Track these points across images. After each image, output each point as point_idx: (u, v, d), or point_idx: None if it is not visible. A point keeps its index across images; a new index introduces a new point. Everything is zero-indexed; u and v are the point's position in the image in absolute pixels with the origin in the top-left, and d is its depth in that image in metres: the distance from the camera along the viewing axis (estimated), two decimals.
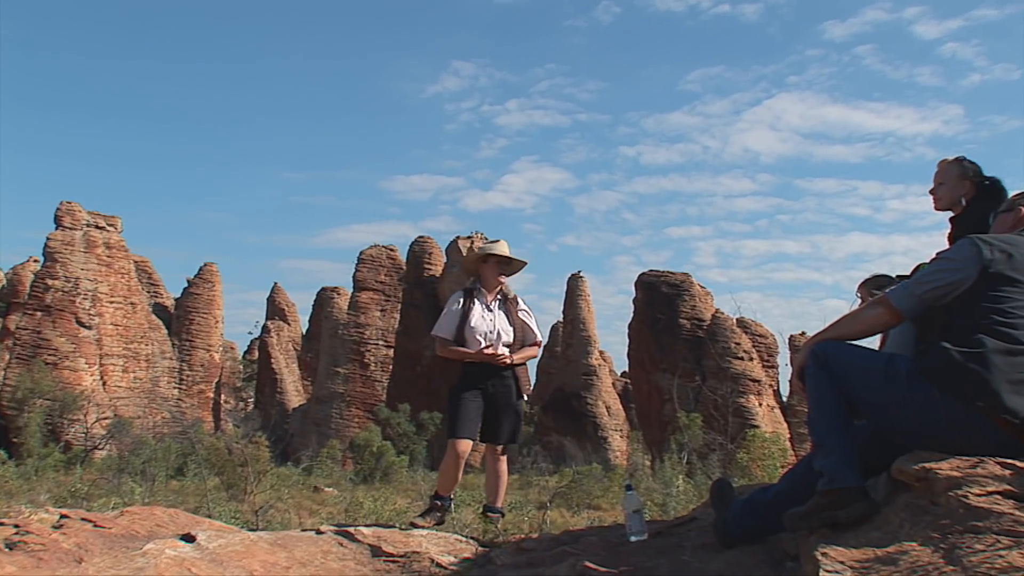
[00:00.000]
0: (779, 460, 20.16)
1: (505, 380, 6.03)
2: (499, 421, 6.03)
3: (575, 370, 62.74)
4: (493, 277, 6.22)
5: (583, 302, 65.55)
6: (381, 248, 74.46)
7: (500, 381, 6.03)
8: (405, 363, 65.77)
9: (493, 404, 6.02)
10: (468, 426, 5.90)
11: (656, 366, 50.84)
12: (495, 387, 6.01)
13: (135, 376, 64.34)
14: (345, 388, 68.51)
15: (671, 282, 53.46)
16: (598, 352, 65.46)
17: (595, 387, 61.68)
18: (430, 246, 71.25)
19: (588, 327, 64.39)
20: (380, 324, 71.04)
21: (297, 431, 66.38)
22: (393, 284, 72.38)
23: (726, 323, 51.11)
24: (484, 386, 6.01)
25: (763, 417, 47.32)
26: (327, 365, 70.09)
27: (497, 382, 6.02)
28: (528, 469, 40.00)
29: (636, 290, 55.09)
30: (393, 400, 62.03)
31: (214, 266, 79.36)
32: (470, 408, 5.94)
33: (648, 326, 52.34)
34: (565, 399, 61.45)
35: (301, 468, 35.67)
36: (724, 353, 48.30)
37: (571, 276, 67.24)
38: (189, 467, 32.13)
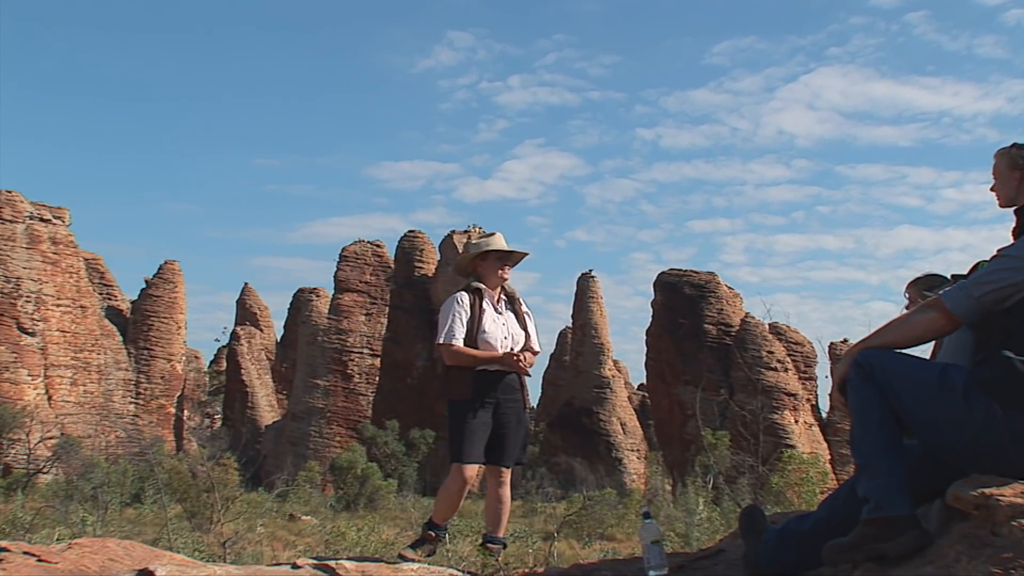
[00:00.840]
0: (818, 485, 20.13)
1: (515, 392, 6.04)
2: (507, 440, 6.02)
3: (586, 382, 62.73)
4: (495, 274, 6.20)
5: (595, 305, 65.56)
6: (366, 244, 74.48)
7: (510, 394, 6.03)
8: (393, 374, 65.81)
9: (502, 420, 6.01)
10: (477, 448, 5.89)
11: (678, 378, 50.80)
12: (505, 400, 6.01)
13: (85, 390, 64.35)
14: (325, 403, 68.53)
15: (695, 282, 53.44)
16: (612, 362, 65.45)
17: (608, 401, 61.68)
18: (421, 242, 71.31)
19: (600, 333, 64.40)
20: (365, 330, 71.06)
21: (271, 451, 66.37)
22: (380, 285, 72.41)
23: (757, 329, 51.07)
24: (495, 400, 5.99)
25: (799, 436, 47.27)
26: (305, 376, 70.12)
27: (508, 394, 6.02)
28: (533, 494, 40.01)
29: (655, 291, 55.07)
30: (380, 416, 62.07)
31: (176, 264, 79.41)
32: (480, 426, 5.92)
33: (669, 332, 52.31)
34: (574, 415, 61.45)
35: (275, 494, 35.69)
36: (755, 363, 48.26)
37: (581, 276, 67.30)
38: (147, 493, 32.15)
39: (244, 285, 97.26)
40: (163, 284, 78.08)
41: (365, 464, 45.71)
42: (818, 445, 47.83)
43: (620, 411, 61.82)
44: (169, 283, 78.20)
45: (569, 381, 64.92)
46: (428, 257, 70.59)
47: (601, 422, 60.61)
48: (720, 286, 53.53)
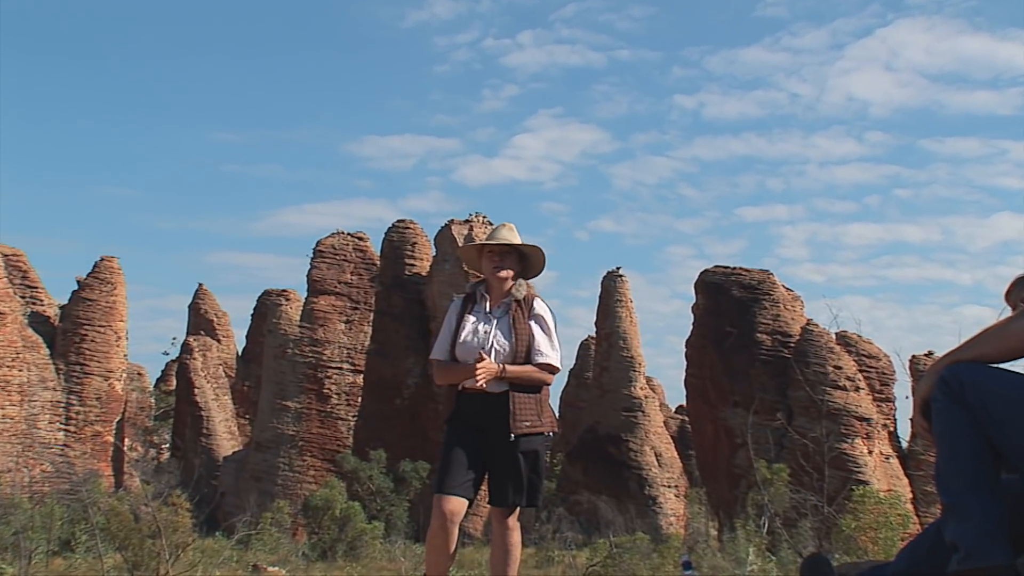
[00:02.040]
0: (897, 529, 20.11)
1: (500, 415, 6.08)
2: (501, 475, 6.09)
3: (613, 403, 62.71)
4: (492, 275, 6.37)
5: (624, 310, 65.53)
6: (346, 236, 74.54)
7: (495, 417, 6.08)
8: (380, 394, 65.88)
9: (491, 451, 6.08)
10: (457, 477, 5.98)
11: (724, 398, 50.74)
12: (492, 426, 6.08)
13: (4, 413, 64.52)
14: (297, 429, 68.63)
15: (745, 282, 53.37)
16: (644, 379, 65.39)
17: (640, 427, 61.65)
18: (413, 234, 71.36)
19: (631, 344, 64.36)
20: (345, 341, 71.15)
21: (230, 488, 66.47)
22: (363, 286, 72.48)
23: (821, 339, 50.98)
24: (480, 424, 6.10)
25: (874, 469, 47.18)
26: (272, 397, 70.24)
27: (492, 418, 6.09)
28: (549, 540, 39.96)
29: (697, 293, 54.99)
30: (363, 445, 62.13)
31: (115, 261, 79.60)
32: (461, 453, 6.04)
33: (713, 343, 52.24)
34: (599, 444, 61.43)
35: (235, 539, 35.72)
36: (819, 381, 48.16)
37: (607, 274, 67.26)
38: (80, 539, 32.21)
39: (198, 287, 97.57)
40: (99, 285, 78.26)
41: (345, 503, 45.73)
42: (897, 481, 47.71)
43: (654, 439, 61.76)
44: (107, 284, 78.36)
45: (592, 402, 64.89)
46: (421, 252, 70.64)
47: (631, 452, 60.55)
48: (776, 287, 53.43)
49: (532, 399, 6.16)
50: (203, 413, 77.52)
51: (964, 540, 3.39)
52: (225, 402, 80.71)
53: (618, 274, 66.94)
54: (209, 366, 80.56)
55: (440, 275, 66.40)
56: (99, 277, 78.71)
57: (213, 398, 79.11)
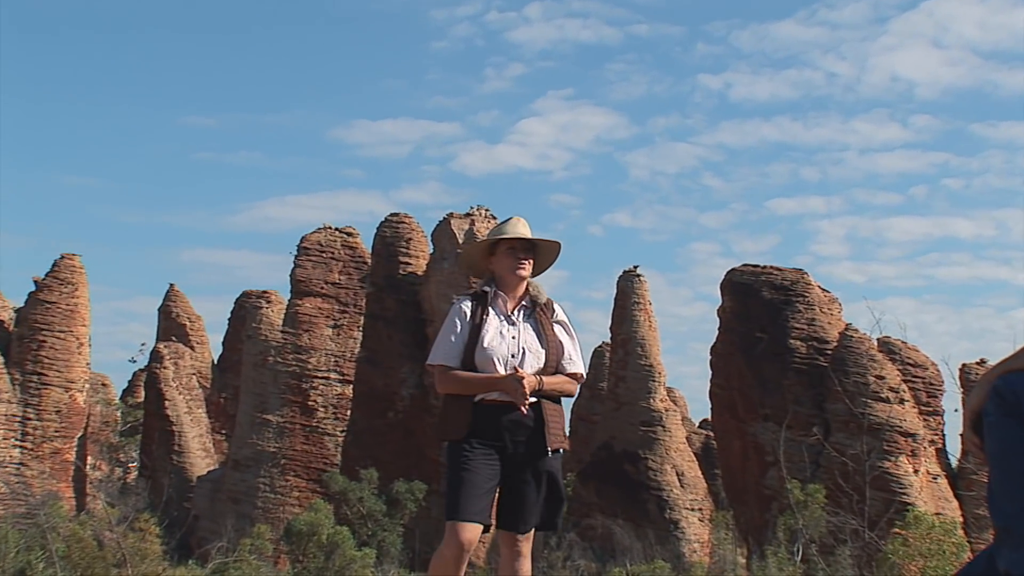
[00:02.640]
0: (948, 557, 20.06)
1: (529, 431, 6.07)
2: (521, 497, 6.08)
3: (630, 417, 62.70)
4: (510, 271, 6.32)
5: (642, 314, 65.53)
6: (334, 232, 74.57)
7: (522, 433, 6.07)
8: (371, 407, 65.93)
9: (513, 470, 6.07)
10: (476, 502, 5.95)
11: (754, 411, 50.74)
12: (517, 442, 6.07)
13: None
14: (279, 445, 68.68)
15: (777, 283, 53.37)
16: (665, 390, 65.37)
17: (660, 444, 61.63)
18: (408, 229, 71.41)
19: (650, 351, 64.35)
20: (332, 347, 71.19)
21: (205, 511, 66.54)
22: (352, 287, 72.53)
23: (862, 346, 50.96)
24: (501, 439, 6.07)
25: (920, 490, 47.16)
26: (251, 410, 70.30)
27: (518, 434, 6.06)
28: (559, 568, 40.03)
29: (723, 295, 55.00)
30: (352, 463, 62.16)
31: (76, 259, 79.65)
32: (480, 474, 6.00)
33: (742, 351, 52.25)
34: (614, 462, 61.42)
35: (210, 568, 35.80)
36: (859, 392, 48.17)
37: (623, 274, 67.26)
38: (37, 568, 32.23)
39: (169, 287, 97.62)
40: (59, 286, 78.32)
41: (332, 528, 45.75)
42: (945, 503, 47.67)
43: (676, 457, 61.74)
44: (67, 285, 78.41)
45: (607, 416, 64.88)
46: (417, 249, 70.69)
47: (650, 471, 60.54)
48: (811, 288, 53.42)
49: (558, 411, 6.21)
50: (175, 428, 77.54)
51: (1019, 568, 3.40)
52: (199, 416, 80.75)
53: (635, 274, 66.91)
54: (181, 376, 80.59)
55: (438, 274, 66.45)
56: (59, 277, 78.75)
57: (186, 411, 79.14)
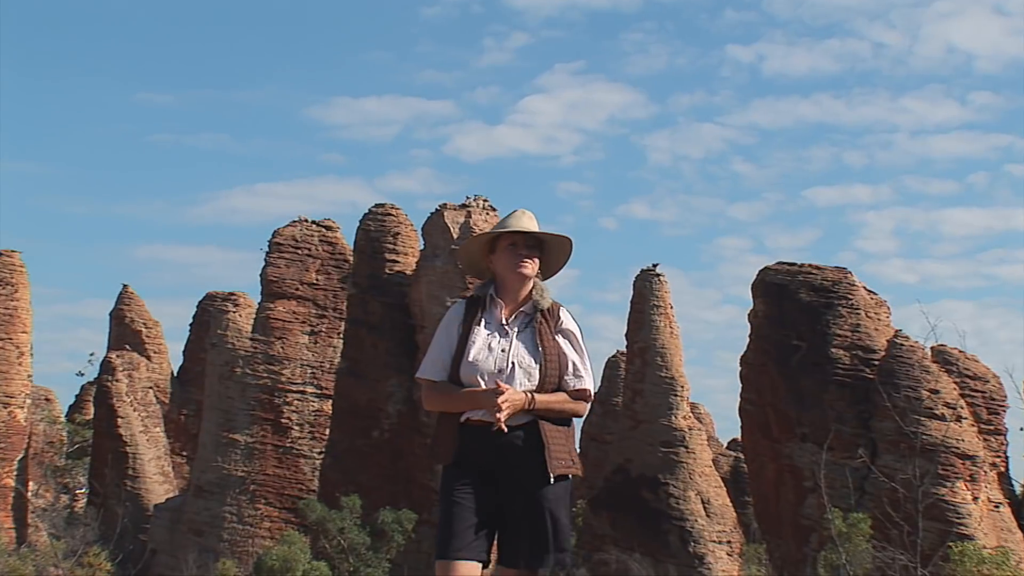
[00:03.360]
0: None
1: (523, 454, 6.07)
2: (516, 529, 6.10)
3: (648, 437, 62.71)
4: (511, 270, 6.31)
5: (662, 319, 65.53)
6: (310, 225, 74.57)
7: (515, 457, 6.08)
8: (353, 425, 65.90)
9: (508, 499, 6.10)
10: (464, 537, 6.00)
11: (790, 430, 50.72)
12: (509, 468, 6.09)
13: None
14: (248, 469, 68.70)
15: (816, 283, 53.35)
16: (688, 406, 65.34)
17: (683, 467, 61.62)
18: (395, 221, 71.38)
19: (671, 362, 64.34)
20: (309, 357, 71.19)
21: (163, 544, 66.56)
22: (331, 288, 72.57)
23: (914, 356, 50.96)
24: (492, 466, 6.10)
25: (980, 520, 47.12)
26: (216, 429, 70.31)
27: (510, 458, 6.09)
28: None
29: (755, 298, 54.97)
30: (332, 489, 62.15)
31: (15, 256, 79.65)
32: (469, 505, 6.05)
33: (776, 361, 52.22)
34: (631, 488, 61.42)
35: None
36: (910, 408, 48.15)
37: (641, 273, 67.23)
38: None
39: (122, 289, 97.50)
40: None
41: (309, 563, 45.83)
42: (1008, 535, 47.64)
43: (701, 482, 61.75)
44: (5, 286, 78.47)
45: (622, 436, 64.88)
46: (405, 245, 70.65)
47: (672, 499, 60.54)
48: (856, 290, 53.41)
49: (563, 432, 6.17)
50: (128, 449, 77.58)
51: None
52: (157, 435, 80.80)
53: (654, 273, 66.86)
54: (136, 390, 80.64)
55: (429, 274, 66.42)
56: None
57: (141, 430, 79.19)
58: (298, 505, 63.22)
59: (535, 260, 6.29)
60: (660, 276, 66.81)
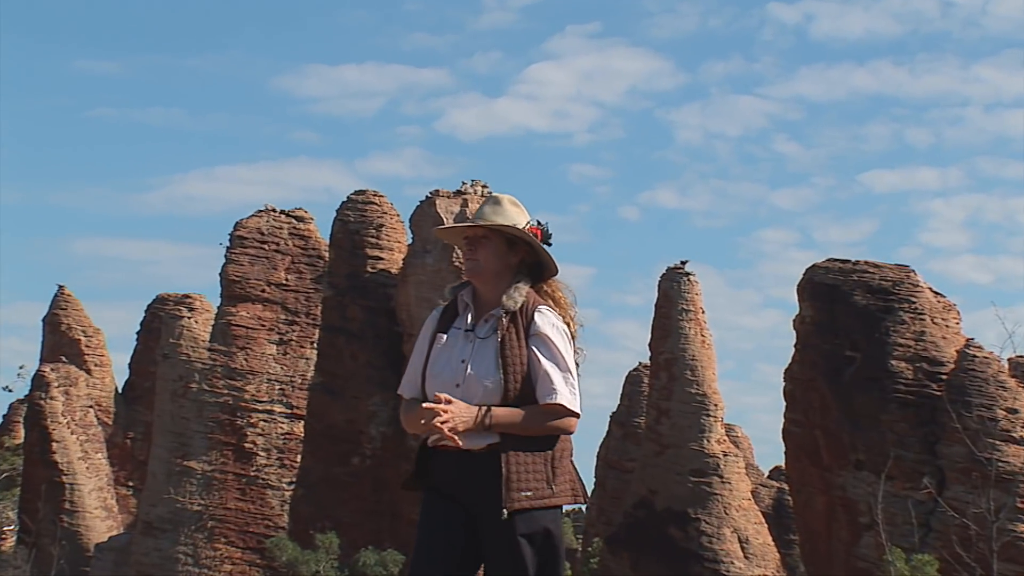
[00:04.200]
0: None
1: (485, 481, 6.09)
2: (501, 568, 6.14)
3: (676, 464, 62.74)
4: (467, 273, 6.42)
5: (692, 325, 65.57)
6: (279, 216, 74.67)
7: (476, 484, 6.13)
8: (329, 450, 65.95)
9: (484, 533, 6.12)
10: (433, 569, 6.08)
11: (843, 456, 50.71)
12: (476, 497, 6.13)
13: None
14: (206, 502, 68.73)
15: (874, 284, 53.31)
16: (723, 428, 65.35)
17: (717, 500, 61.66)
18: (378, 211, 71.47)
19: (703, 376, 64.38)
20: (278, 371, 71.24)
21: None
22: (303, 289, 72.62)
23: (988, 368, 50.89)
24: (459, 495, 6.17)
25: None
26: (168, 455, 70.37)
27: (473, 486, 6.15)
28: None
29: (802, 301, 54.94)
30: (304, 525, 62.21)
31: None
32: (439, 536, 6.14)
33: (827, 375, 52.18)
34: (656, 524, 61.47)
35: None
36: (984, 430, 48.11)
37: (668, 272, 67.34)
38: None
39: (58, 291, 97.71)
40: None
41: None
42: None
43: (738, 517, 61.78)
44: None
45: (646, 463, 64.94)
46: (391, 238, 70.79)
47: (704, 537, 60.61)
48: (920, 291, 53.37)
49: (538, 458, 6.13)
50: (65, 479, 77.73)
51: None
52: (98, 463, 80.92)
53: (683, 272, 67.00)
54: (74, 409, 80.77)
55: (419, 272, 66.48)
56: None
57: (80, 456, 79.31)
58: (265, 544, 63.32)
59: (485, 256, 6.34)
60: (690, 275, 66.94)
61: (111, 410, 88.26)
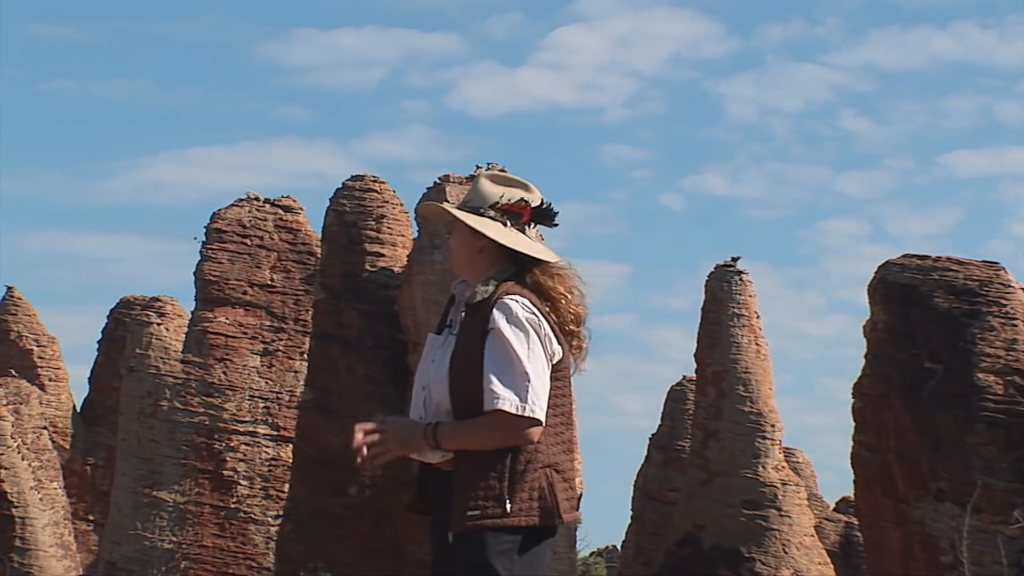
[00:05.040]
0: None
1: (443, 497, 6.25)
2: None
3: (727, 495, 62.90)
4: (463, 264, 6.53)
5: (745, 333, 65.71)
6: (263, 205, 74.90)
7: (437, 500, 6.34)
8: (322, 479, 66.18)
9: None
10: None
11: (922, 485, 50.77)
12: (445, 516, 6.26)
13: None
14: (178, 538, 69.04)
15: (958, 284, 53.37)
16: (781, 452, 65.45)
17: (775, 535, 61.84)
18: (379, 200, 71.65)
19: (757, 391, 64.53)
20: (262, 386, 71.47)
21: None
22: (292, 290, 72.86)
23: None
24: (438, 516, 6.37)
25: None
26: (134, 485, 70.64)
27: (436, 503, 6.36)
28: None
29: (873, 303, 54.99)
30: (293, 566, 62.48)
31: None
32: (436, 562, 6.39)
33: (903, 391, 52.25)
34: (704, 563, 61.66)
35: None
36: None
37: (716, 270, 67.50)
38: None
39: (6, 292, 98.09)
40: None
41: None
42: None
43: (799, 556, 61.97)
44: None
45: (691, 493, 65.12)
46: (393, 232, 70.98)
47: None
48: (1013, 293, 53.41)
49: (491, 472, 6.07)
50: (15, 512, 78.08)
51: None
52: (53, 493, 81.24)
53: (735, 270, 67.13)
54: (26, 431, 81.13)
55: (426, 271, 66.62)
56: None
57: (32, 486, 79.65)
58: None
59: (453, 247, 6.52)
60: (742, 274, 67.05)
61: (68, 432, 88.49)
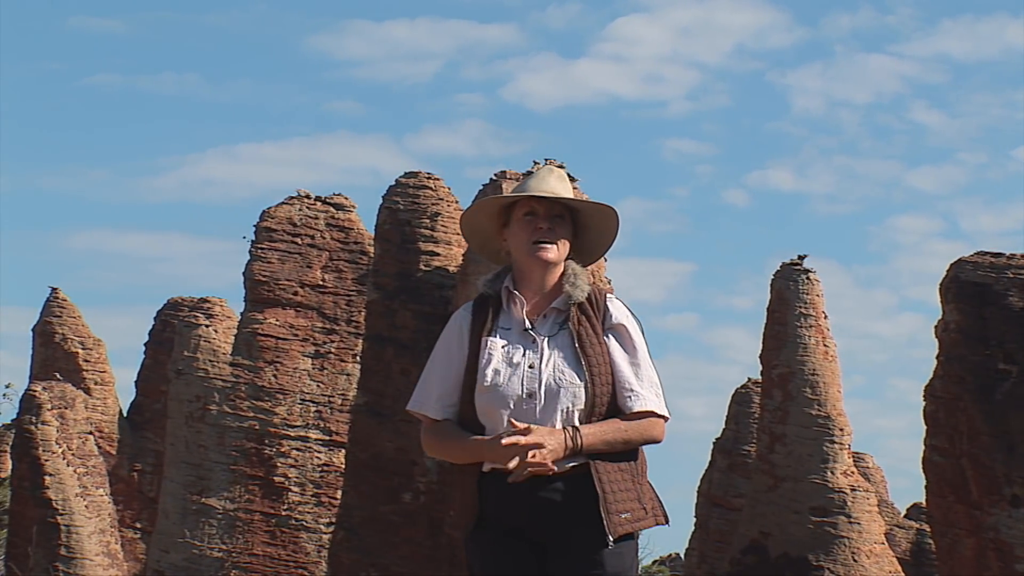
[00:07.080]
0: None
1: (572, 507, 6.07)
2: None
3: (794, 501, 62.80)
4: (529, 256, 6.25)
5: (812, 332, 65.56)
6: (314, 203, 75.07)
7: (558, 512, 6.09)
8: (375, 484, 66.32)
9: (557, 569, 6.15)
10: None
11: (997, 491, 50.59)
12: (552, 529, 6.13)
13: None
14: (228, 546, 69.27)
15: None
16: (850, 457, 65.28)
17: (844, 543, 61.66)
18: (434, 197, 71.66)
19: (826, 394, 64.37)
20: (314, 390, 71.58)
21: None
22: (344, 291, 73.07)
23: None
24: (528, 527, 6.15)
25: None
26: (182, 491, 70.95)
27: (554, 516, 6.11)
28: None
29: (945, 302, 54.82)
30: (346, 573, 62.63)
31: None
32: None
33: (977, 393, 52.06)
34: (770, 571, 61.55)
35: None
36: None
37: (782, 268, 67.25)
38: None
39: (51, 294, 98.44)
40: None
41: None
42: None
43: (868, 564, 61.81)
44: None
45: (756, 499, 65.03)
46: (448, 230, 70.97)
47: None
48: None
49: (627, 472, 6.09)
50: (60, 519, 78.49)
51: None
52: (100, 500, 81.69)
53: (802, 268, 66.92)
54: (71, 436, 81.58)
55: (482, 270, 66.32)
56: None
57: (78, 493, 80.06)
58: None
59: (563, 241, 6.19)
60: (809, 274, 66.87)
61: (114, 437, 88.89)
